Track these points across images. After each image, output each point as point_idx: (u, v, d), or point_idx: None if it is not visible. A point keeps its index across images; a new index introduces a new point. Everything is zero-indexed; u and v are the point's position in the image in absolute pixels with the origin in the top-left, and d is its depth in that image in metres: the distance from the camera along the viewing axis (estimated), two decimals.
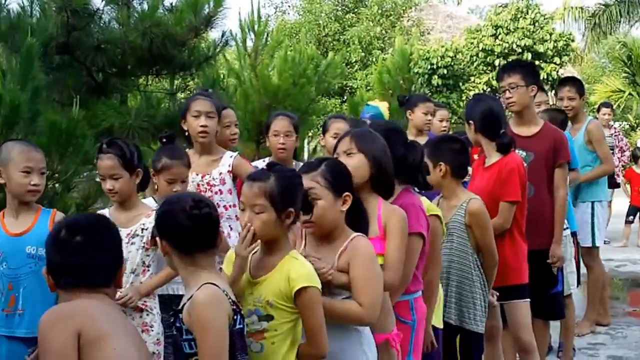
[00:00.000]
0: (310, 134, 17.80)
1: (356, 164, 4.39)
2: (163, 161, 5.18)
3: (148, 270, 4.93)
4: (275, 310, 3.73)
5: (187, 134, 5.97)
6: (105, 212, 5.25)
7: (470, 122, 6.32)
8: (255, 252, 3.88)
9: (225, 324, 3.43)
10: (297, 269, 3.72)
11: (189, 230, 3.49)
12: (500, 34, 28.76)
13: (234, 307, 3.53)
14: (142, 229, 4.88)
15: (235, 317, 3.52)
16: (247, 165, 6.09)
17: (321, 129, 7.14)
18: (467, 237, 5.68)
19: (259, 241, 3.81)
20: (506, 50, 28.27)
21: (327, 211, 4.07)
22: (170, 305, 5.11)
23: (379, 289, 4.07)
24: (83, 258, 3.42)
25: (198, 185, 5.83)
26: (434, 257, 5.02)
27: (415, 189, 4.95)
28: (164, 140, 5.51)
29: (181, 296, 5.32)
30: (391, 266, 4.32)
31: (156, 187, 5.44)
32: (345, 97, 28.35)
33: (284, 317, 3.71)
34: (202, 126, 5.78)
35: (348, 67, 30.79)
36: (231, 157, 5.94)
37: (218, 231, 3.64)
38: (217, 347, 3.36)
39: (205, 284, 3.49)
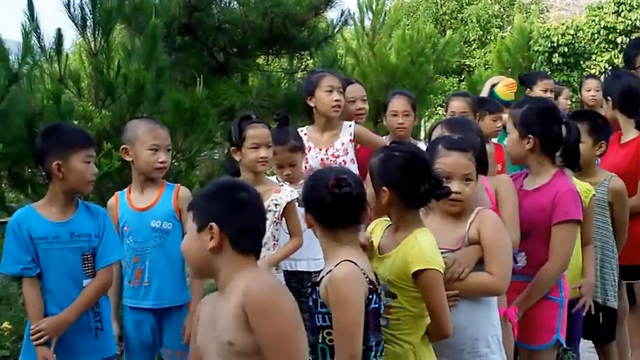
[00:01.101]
0: (427, 113, 17.67)
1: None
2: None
3: (277, 244, 4.96)
4: (396, 289, 3.72)
5: (314, 109, 5.97)
6: None
7: (609, 98, 6.18)
8: (389, 226, 3.90)
9: (361, 302, 3.42)
10: (415, 250, 3.69)
11: (330, 206, 3.48)
12: (622, 10, 27.80)
13: (371, 286, 3.52)
14: (275, 204, 4.91)
15: (370, 296, 3.49)
16: (367, 132, 6.09)
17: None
18: (608, 215, 5.58)
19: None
20: (629, 28, 27.31)
21: (474, 191, 4.12)
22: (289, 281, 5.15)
23: (509, 259, 4.06)
24: (260, 221, 3.37)
25: (322, 160, 5.85)
26: None
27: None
28: (278, 121, 5.55)
29: (296, 272, 5.42)
30: (510, 227, 4.30)
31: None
32: (463, 76, 28.06)
33: (406, 295, 3.69)
34: (336, 100, 5.78)
35: (466, 45, 30.42)
36: (350, 126, 5.94)
37: (362, 208, 3.59)
38: (352, 324, 3.37)
39: (344, 261, 3.48)
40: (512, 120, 4.82)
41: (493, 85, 8.37)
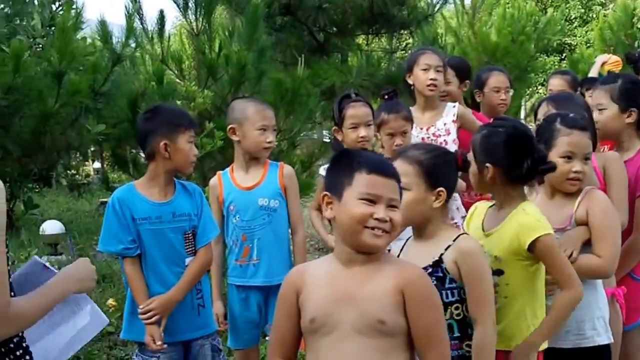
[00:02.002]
0: (528, 92, 17.35)
1: None
2: (382, 116, 5.13)
3: None
4: (504, 265, 3.65)
5: (412, 88, 5.89)
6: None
7: None
8: (492, 206, 3.82)
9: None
10: (526, 221, 3.60)
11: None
12: None
13: None
14: None
15: None
16: (470, 114, 5.96)
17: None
18: None
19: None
20: None
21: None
22: None
23: (618, 241, 3.93)
24: None
25: (423, 138, 5.76)
26: None
27: None
28: (386, 96, 5.47)
29: None
30: (618, 207, 4.16)
31: (381, 143, 5.42)
32: (565, 55, 27.47)
33: (515, 272, 3.63)
34: (431, 79, 5.67)
35: (567, 23, 29.77)
36: (454, 106, 5.82)
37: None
38: (490, 293, 3.37)
39: (463, 234, 3.48)
40: (609, 95, 4.64)
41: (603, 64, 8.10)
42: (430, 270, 3.36)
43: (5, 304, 2.32)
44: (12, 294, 2.47)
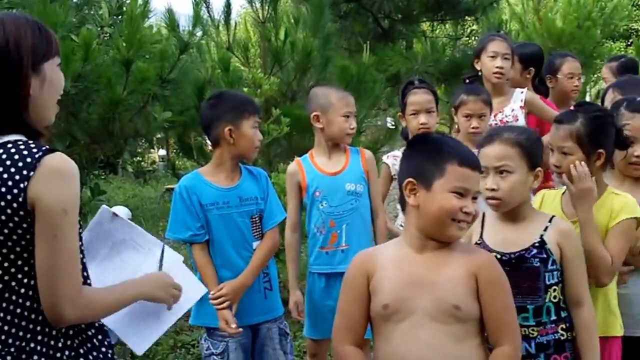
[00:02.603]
0: (594, 78, 17.08)
1: None
2: (461, 97, 5.10)
3: None
4: None
5: (479, 74, 5.84)
6: (400, 153, 5.24)
7: None
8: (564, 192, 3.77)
9: None
10: (626, 202, 3.60)
11: None
12: None
13: None
14: None
15: None
16: (539, 100, 5.89)
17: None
18: None
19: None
20: None
21: None
22: None
23: None
24: None
25: (490, 124, 5.71)
26: None
27: None
28: (467, 80, 5.45)
29: None
30: None
31: (457, 127, 5.39)
32: (631, 40, 26.97)
33: None
34: (498, 67, 5.62)
35: (635, 8, 29.19)
36: (522, 92, 5.75)
37: None
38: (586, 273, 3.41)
39: (554, 215, 3.48)
40: None
41: None
42: (534, 251, 3.33)
43: (77, 288, 2.35)
44: (85, 274, 2.52)
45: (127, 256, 2.93)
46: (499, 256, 3.32)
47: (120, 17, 8.06)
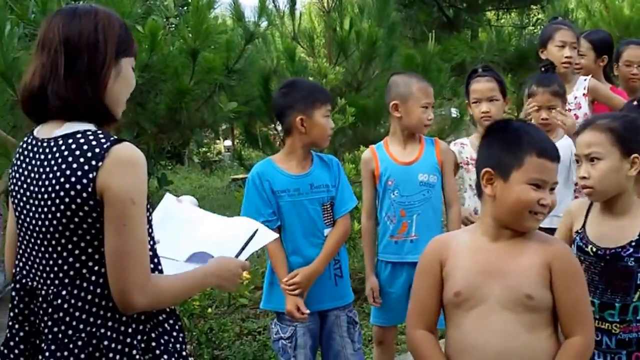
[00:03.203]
0: None
1: None
2: (532, 87, 5.06)
3: None
4: None
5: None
6: (466, 140, 5.21)
7: None
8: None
9: None
10: None
11: None
12: None
13: None
14: None
15: None
16: (603, 88, 5.79)
17: None
18: None
19: None
20: None
21: None
22: None
23: None
24: None
25: None
26: None
27: None
28: (542, 69, 5.38)
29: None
30: None
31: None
32: None
33: None
34: (566, 57, 5.54)
35: None
36: (585, 80, 5.67)
37: None
38: None
39: None
40: None
41: None
42: (630, 250, 3.24)
43: (146, 276, 2.38)
44: (156, 260, 2.55)
45: (206, 229, 2.95)
46: (594, 249, 3.26)
47: (185, 8, 8.16)
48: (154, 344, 2.47)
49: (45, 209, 2.39)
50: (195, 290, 2.67)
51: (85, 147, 2.36)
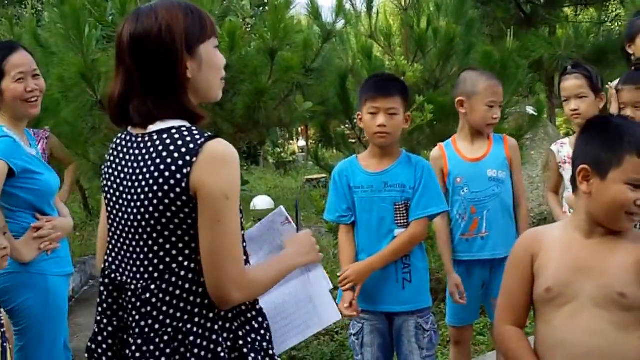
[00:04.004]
0: None
1: None
2: (618, 85, 4.96)
3: None
4: None
5: (632, 57, 5.64)
6: (566, 140, 5.14)
7: None
8: None
9: None
10: None
11: None
12: None
13: None
14: None
15: None
16: None
17: None
18: None
19: None
20: None
21: None
22: None
23: None
24: None
25: None
26: None
27: None
28: (633, 67, 5.27)
29: None
30: None
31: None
32: None
33: None
34: None
35: None
36: None
37: None
38: None
39: None
40: None
41: None
42: None
43: (241, 270, 2.39)
44: (246, 256, 2.55)
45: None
46: None
47: (261, 8, 8.22)
48: (241, 342, 2.47)
49: (138, 204, 2.42)
50: (284, 274, 2.64)
51: (179, 142, 2.37)
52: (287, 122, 6.89)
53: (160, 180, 2.36)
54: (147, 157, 2.42)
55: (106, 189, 2.58)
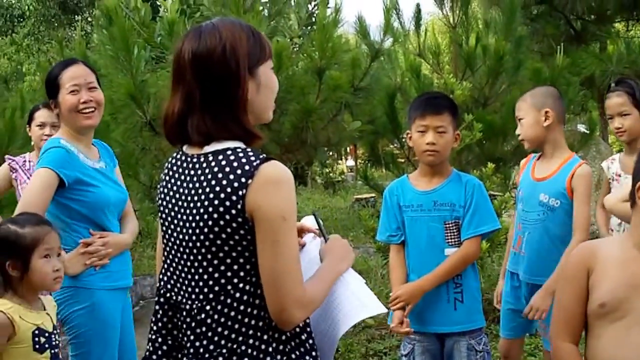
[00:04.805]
0: None
1: None
2: None
3: None
4: None
5: None
6: (617, 156, 5.06)
7: None
8: None
9: None
10: None
11: None
12: None
13: None
14: None
15: None
16: None
17: None
18: None
19: None
20: None
21: None
22: None
23: None
24: None
25: None
26: None
27: None
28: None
29: None
30: None
31: None
32: None
33: None
34: None
35: None
36: None
37: None
38: None
39: None
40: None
41: None
42: None
43: (302, 289, 2.38)
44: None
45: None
46: None
47: (308, 27, 8.23)
48: None
49: (194, 224, 2.42)
50: (332, 284, 2.62)
51: (235, 164, 2.36)
52: (335, 142, 6.88)
53: (216, 202, 2.35)
54: (202, 178, 2.42)
55: (161, 208, 2.59)
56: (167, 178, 2.58)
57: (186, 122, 2.44)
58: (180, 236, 2.48)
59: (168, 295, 2.56)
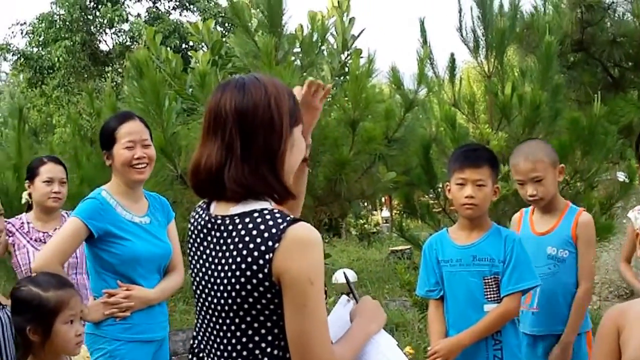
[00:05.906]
0: None
1: None
2: None
3: None
4: None
5: None
6: None
7: None
8: None
9: None
10: None
11: None
12: None
13: None
14: None
15: None
16: None
17: None
18: None
19: None
20: None
21: None
22: None
23: None
24: None
25: None
26: None
27: None
28: None
29: None
30: None
31: None
32: None
33: None
34: None
35: None
36: None
37: None
38: None
39: None
40: None
41: None
42: None
43: (330, 353, 2.34)
44: None
45: None
46: None
47: (341, 78, 8.21)
48: None
49: (221, 288, 2.37)
50: (361, 346, 2.57)
51: (262, 227, 2.32)
52: (369, 194, 6.83)
53: (243, 266, 2.31)
54: (229, 241, 2.37)
55: (191, 266, 2.57)
56: (194, 237, 2.55)
57: (222, 174, 2.38)
58: (209, 298, 2.44)
59: (201, 355, 2.53)
